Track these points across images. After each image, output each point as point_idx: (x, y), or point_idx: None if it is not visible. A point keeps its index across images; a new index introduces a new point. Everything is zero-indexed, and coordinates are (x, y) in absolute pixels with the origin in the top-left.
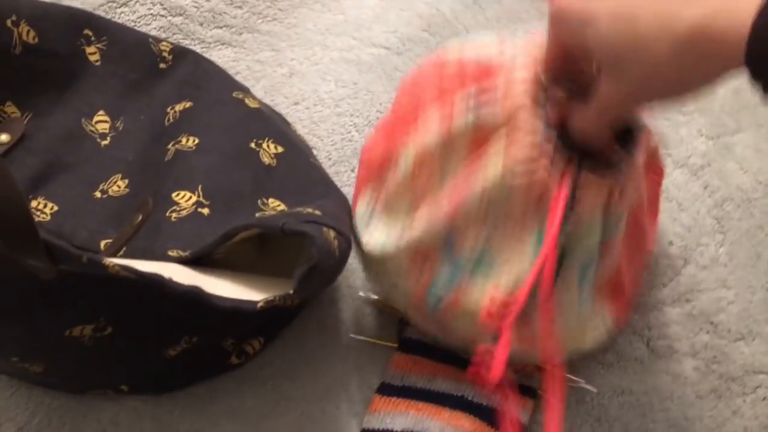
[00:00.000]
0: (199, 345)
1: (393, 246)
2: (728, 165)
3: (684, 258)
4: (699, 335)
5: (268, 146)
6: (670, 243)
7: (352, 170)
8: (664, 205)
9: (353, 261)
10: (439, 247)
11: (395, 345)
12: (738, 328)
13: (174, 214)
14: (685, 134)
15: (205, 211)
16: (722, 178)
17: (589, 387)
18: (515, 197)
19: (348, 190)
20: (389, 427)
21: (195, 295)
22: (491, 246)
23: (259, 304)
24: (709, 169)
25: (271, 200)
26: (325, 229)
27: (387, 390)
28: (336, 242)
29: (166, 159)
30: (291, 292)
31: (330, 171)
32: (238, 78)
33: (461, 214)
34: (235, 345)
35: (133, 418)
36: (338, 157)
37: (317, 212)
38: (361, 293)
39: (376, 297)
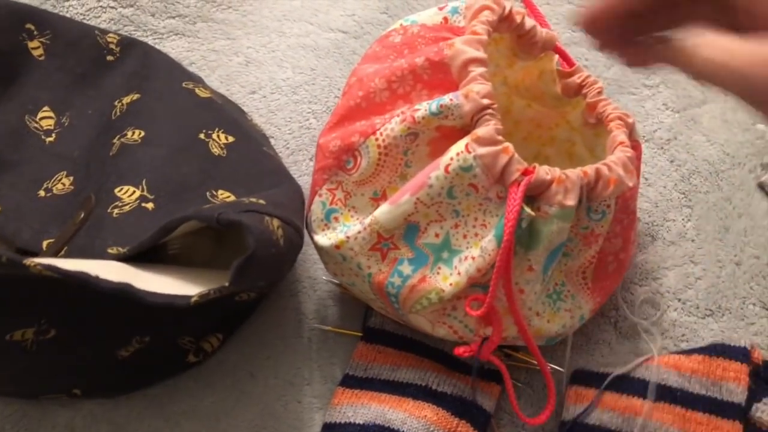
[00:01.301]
0: (152, 344)
1: (354, 236)
2: (695, 137)
3: (651, 235)
4: (667, 313)
5: (218, 136)
6: (638, 220)
7: (311, 159)
8: None
9: (313, 251)
10: (402, 235)
11: (359, 335)
12: (706, 305)
13: (116, 210)
14: (650, 108)
15: (150, 205)
16: (689, 150)
17: (557, 368)
18: (480, 178)
19: (307, 179)
20: (351, 419)
21: (124, 291)
22: (453, 234)
23: (193, 299)
24: (676, 143)
25: (220, 192)
26: (267, 218)
27: (350, 382)
28: (281, 231)
29: (111, 153)
30: (226, 284)
31: (288, 160)
32: (192, 68)
33: (424, 202)
34: (192, 342)
35: (89, 422)
36: (296, 145)
37: (261, 201)
38: (324, 277)
39: (339, 281)
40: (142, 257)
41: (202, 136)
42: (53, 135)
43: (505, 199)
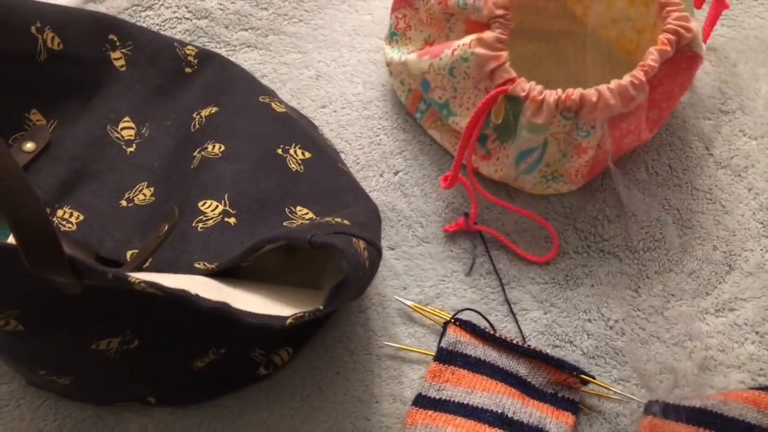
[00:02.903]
0: (226, 356)
1: (396, 63)
2: None
3: (728, 264)
4: (744, 346)
5: (295, 152)
6: (714, 248)
7: (381, 175)
8: (707, 206)
9: (383, 268)
10: (419, 84)
11: (430, 354)
12: None
13: (200, 224)
14: (727, 133)
15: (232, 220)
16: (767, 179)
17: (635, 398)
18: (473, 71)
19: (377, 195)
20: None
21: (222, 312)
22: (452, 101)
23: (288, 320)
24: (753, 170)
25: (298, 208)
26: (354, 240)
27: (423, 402)
28: (366, 253)
29: (192, 166)
30: (321, 307)
31: (358, 176)
32: (264, 81)
33: (435, 69)
34: (263, 356)
35: (161, 429)
36: (366, 161)
37: (346, 222)
38: (396, 297)
39: (410, 303)
40: (219, 272)
41: (279, 151)
42: (134, 145)
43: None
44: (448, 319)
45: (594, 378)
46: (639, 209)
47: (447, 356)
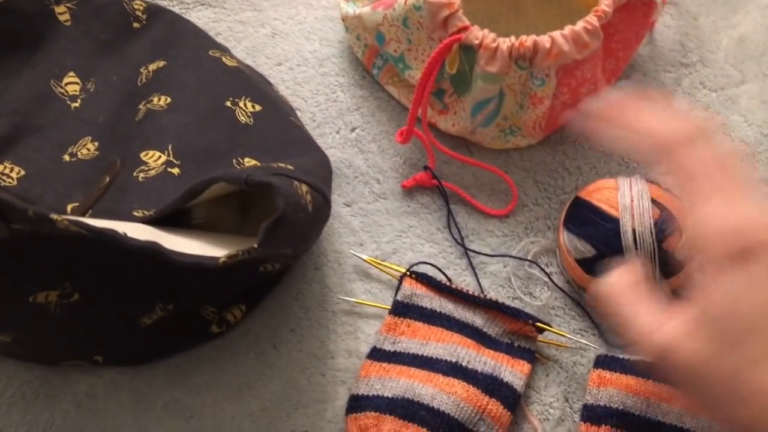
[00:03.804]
0: (176, 313)
1: (350, 18)
2: (732, 117)
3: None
4: None
5: (245, 105)
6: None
7: (337, 132)
8: None
9: (339, 225)
10: (374, 38)
11: (386, 308)
12: None
13: (142, 174)
14: (687, 86)
15: (176, 170)
16: (726, 130)
17: (591, 345)
18: (426, 20)
19: (333, 152)
20: (379, 392)
21: (152, 250)
22: (407, 54)
23: (222, 260)
24: (713, 123)
25: (246, 159)
26: (296, 182)
27: (378, 355)
28: (309, 197)
29: (137, 119)
30: (255, 245)
31: (314, 133)
32: (218, 39)
33: (388, 20)
34: (215, 313)
35: (110, 389)
36: (323, 118)
37: (289, 167)
38: (351, 251)
39: (366, 257)
40: (166, 224)
41: (228, 103)
42: (78, 100)
43: None
44: (404, 272)
45: (550, 326)
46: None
47: (402, 309)
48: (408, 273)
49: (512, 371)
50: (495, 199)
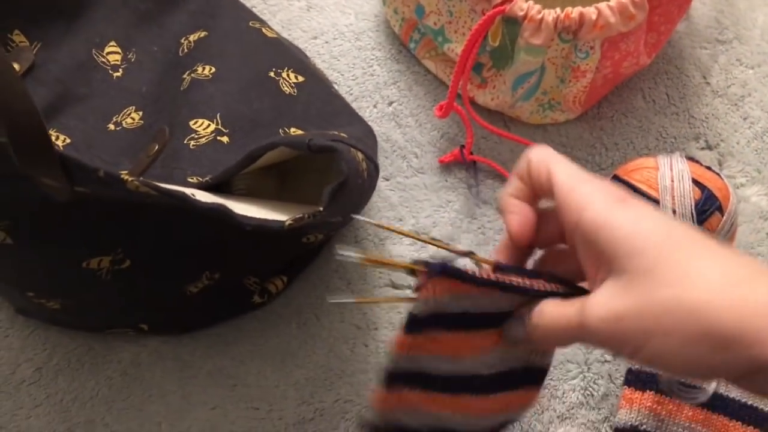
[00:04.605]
0: (221, 282)
1: None
2: None
3: None
4: None
5: (288, 75)
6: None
7: (374, 106)
8: (703, 135)
9: (378, 199)
10: (413, 10)
11: (444, 247)
12: None
13: (192, 142)
14: (724, 63)
15: (225, 139)
16: (763, 108)
17: None
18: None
19: (371, 127)
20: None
21: (220, 212)
22: (447, 27)
23: (287, 222)
24: (750, 99)
25: (293, 129)
26: (353, 149)
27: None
28: (364, 164)
29: (182, 88)
30: (321, 209)
31: (352, 106)
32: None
33: None
34: (257, 284)
35: (154, 358)
36: (359, 92)
37: (343, 135)
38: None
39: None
40: (214, 188)
41: (272, 74)
42: (120, 70)
43: None
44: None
45: None
46: None
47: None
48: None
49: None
50: None
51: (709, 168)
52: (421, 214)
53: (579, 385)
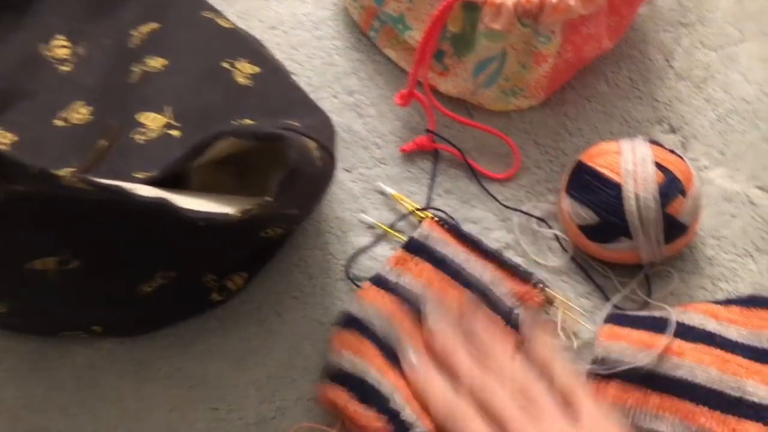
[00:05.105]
0: (176, 281)
1: None
2: (732, 76)
3: None
4: (703, 251)
5: (242, 67)
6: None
7: (335, 96)
8: (667, 118)
9: (340, 191)
10: None
11: (402, 239)
12: (744, 244)
13: (141, 137)
14: (686, 45)
15: (176, 133)
16: (726, 90)
17: (590, 328)
18: None
19: (331, 117)
20: (372, 323)
21: (161, 206)
22: (407, 14)
23: (236, 215)
24: (713, 81)
25: (246, 121)
26: (304, 138)
27: (380, 282)
28: (318, 154)
29: (132, 82)
30: (270, 198)
31: (311, 98)
32: (210, 2)
33: None
34: (215, 281)
35: (110, 360)
36: (319, 82)
37: (296, 124)
38: (365, 216)
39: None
40: (163, 183)
41: (225, 65)
42: (68, 65)
43: None
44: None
45: (556, 294)
46: None
47: (416, 247)
48: (430, 215)
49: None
50: (496, 162)
51: (672, 151)
52: (384, 206)
53: None
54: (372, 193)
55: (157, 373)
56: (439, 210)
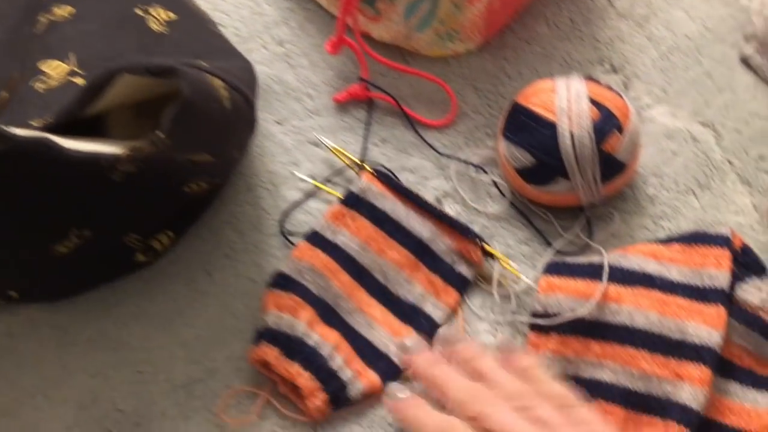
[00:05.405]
0: (94, 241)
1: None
2: (674, 13)
3: None
4: (644, 189)
5: (157, 13)
6: None
7: (264, 47)
8: (608, 57)
9: (271, 144)
10: None
11: (338, 196)
12: (685, 181)
13: (41, 85)
14: None
15: (80, 81)
16: (668, 27)
17: (529, 281)
18: None
19: (261, 69)
20: (307, 283)
21: (38, 144)
22: None
23: (124, 153)
24: (655, 19)
25: None
26: (207, 75)
27: (316, 239)
28: (225, 93)
29: (38, 32)
30: (162, 135)
31: (240, 49)
32: None
33: None
34: (140, 241)
35: (28, 327)
36: (248, 33)
37: (203, 63)
38: (295, 172)
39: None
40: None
41: (138, 11)
42: None
43: None
44: (361, 164)
45: (495, 251)
46: None
47: (354, 201)
48: (369, 169)
49: (436, 303)
50: (434, 109)
51: (609, 87)
52: (317, 157)
53: (487, 340)
54: (305, 145)
55: (79, 338)
56: (378, 164)
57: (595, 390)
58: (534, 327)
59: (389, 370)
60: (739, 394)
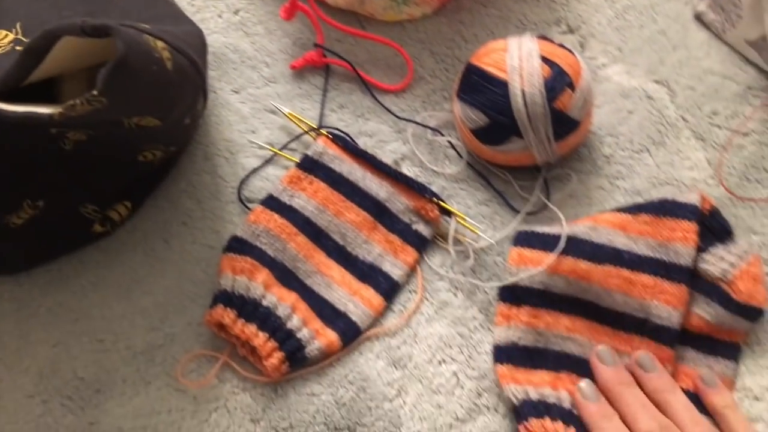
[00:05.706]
0: (49, 212)
1: None
2: None
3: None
4: (601, 149)
5: None
6: None
7: (219, 16)
8: (565, 17)
9: (228, 113)
10: None
11: (295, 161)
12: (640, 139)
13: None
14: None
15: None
16: None
17: (488, 239)
18: None
19: (216, 38)
20: (263, 247)
21: None
22: None
23: (58, 111)
24: None
25: None
26: (147, 36)
27: (272, 203)
28: (167, 54)
29: None
30: (95, 92)
31: (195, 19)
32: None
33: None
34: (97, 212)
35: None
36: (203, 1)
37: (144, 25)
38: (249, 140)
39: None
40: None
41: None
42: None
43: None
44: (317, 129)
45: (453, 208)
46: None
47: (310, 165)
48: (325, 132)
49: (394, 262)
50: (391, 74)
51: (561, 45)
52: (275, 124)
53: (447, 298)
54: (262, 113)
55: (38, 310)
56: (334, 128)
57: (564, 362)
58: (504, 299)
59: (348, 329)
60: (695, 360)
